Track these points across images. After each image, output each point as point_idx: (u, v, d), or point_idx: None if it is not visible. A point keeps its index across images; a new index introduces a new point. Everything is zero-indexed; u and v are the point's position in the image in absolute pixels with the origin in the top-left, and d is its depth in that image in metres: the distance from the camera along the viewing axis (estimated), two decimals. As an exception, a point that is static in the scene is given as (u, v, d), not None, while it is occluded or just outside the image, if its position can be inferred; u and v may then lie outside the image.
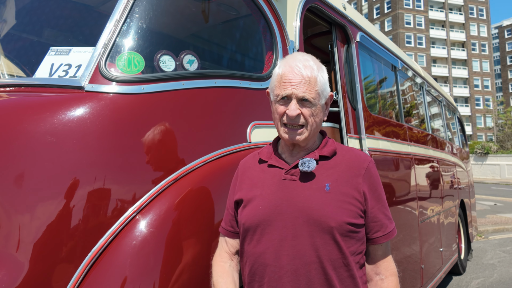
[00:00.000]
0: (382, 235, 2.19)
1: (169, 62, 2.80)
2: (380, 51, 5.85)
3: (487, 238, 14.22)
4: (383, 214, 2.21)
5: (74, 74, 2.62)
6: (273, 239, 2.09)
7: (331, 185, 2.11)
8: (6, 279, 2.08)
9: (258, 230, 2.14)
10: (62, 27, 3.44)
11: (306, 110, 2.13)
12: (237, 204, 2.32)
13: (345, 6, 4.89)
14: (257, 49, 3.60)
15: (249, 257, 2.18)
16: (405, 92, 7.05)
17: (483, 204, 22.43)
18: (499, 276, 9.48)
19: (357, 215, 2.11)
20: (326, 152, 2.22)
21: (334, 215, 2.04)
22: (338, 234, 2.04)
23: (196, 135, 2.75)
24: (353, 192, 2.12)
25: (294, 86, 2.13)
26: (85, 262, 2.22)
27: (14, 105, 2.46)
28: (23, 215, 2.18)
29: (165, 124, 2.60)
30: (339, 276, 2.06)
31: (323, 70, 2.24)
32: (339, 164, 2.20)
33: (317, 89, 2.14)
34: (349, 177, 2.15)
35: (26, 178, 2.24)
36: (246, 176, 2.35)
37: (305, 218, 2.06)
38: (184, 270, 2.39)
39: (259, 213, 2.15)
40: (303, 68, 2.15)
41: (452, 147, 9.77)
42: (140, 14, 2.79)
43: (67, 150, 2.28)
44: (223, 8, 3.46)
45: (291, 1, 3.80)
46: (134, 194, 2.41)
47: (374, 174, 2.24)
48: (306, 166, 2.12)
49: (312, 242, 2.04)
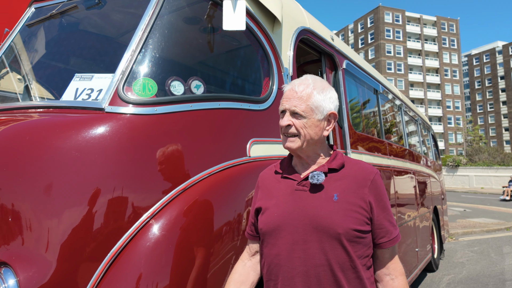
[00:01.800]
0: (388, 240, 2.16)
1: (178, 86, 2.81)
2: (364, 76, 5.86)
3: (457, 239, 14.20)
4: (388, 222, 2.17)
5: (96, 97, 2.63)
6: (286, 242, 2.09)
7: (339, 195, 2.09)
8: (36, 276, 2.09)
9: (273, 234, 2.14)
10: (86, 56, 3.46)
11: (297, 122, 2.14)
12: (257, 211, 2.32)
13: (333, 38, 4.91)
14: (256, 75, 3.61)
15: (266, 258, 2.18)
16: (385, 112, 7.06)
17: (454, 210, 22.40)
18: (467, 272, 9.48)
19: (363, 222, 2.07)
20: (334, 165, 2.20)
21: (341, 222, 2.02)
22: (345, 240, 2.01)
23: (202, 150, 2.75)
24: (359, 202, 2.08)
25: (287, 101, 2.16)
26: (105, 261, 2.22)
27: (44, 124, 2.47)
28: (51, 220, 2.19)
29: (175, 140, 2.61)
30: (347, 277, 2.04)
31: (325, 90, 2.21)
32: (347, 176, 2.17)
33: (308, 104, 2.13)
34: (356, 188, 2.12)
35: (54, 187, 2.24)
36: (264, 186, 2.35)
37: (314, 225, 2.04)
38: (191, 268, 2.38)
39: (274, 219, 2.15)
40: (297, 85, 2.17)
41: (426, 160, 9.77)
42: (153, 45, 2.80)
43: (89, 163, 2.29)
44: (226, 39, 3.47)
45: (286, 34, 3.82)
46: (148, 202, 2.41)
47: (380, 185, 2.20)
48: (315, 179, 2.10)
49: (321, 246, 2.02)
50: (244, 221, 2.81)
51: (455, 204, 25.70)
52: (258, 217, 2.30)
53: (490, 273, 9.39)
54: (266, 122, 3.34)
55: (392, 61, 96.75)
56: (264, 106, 3.32)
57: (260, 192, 2.37)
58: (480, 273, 9.36)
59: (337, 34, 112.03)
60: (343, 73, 4.90)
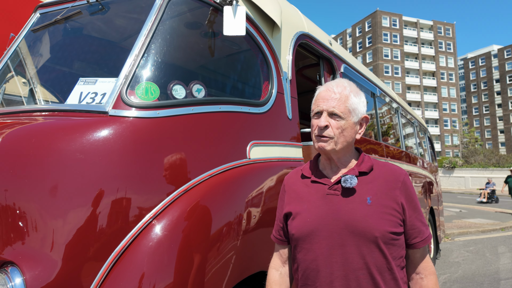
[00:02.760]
0: (420, 240, 2.13)
1: (180, 90, 2.82)
2: (361, 80, 5.87)
3: (453, 239, 14.16)
4: (420, 222, 2.15)
5: (100, 101, 2.65)
6: (322, 247, 2.05)
7: (372, 198, 2.06)
8: (42, 274, 2.10)
9: (307, 240, 2.10)
10: (90, 60, 3.47)
11: (335, 123, 2.10)
12: (286, 216, 2.27)
13: (331, 42, 4.93)
14: (255, 79, 3.62)
15: (300, 263, 2.15)
16: (383, 115, 7.07)
17: (450, 211, 22.36)
18: (463, 272, 9.45)
19: (397, 224, 2.05)
20: (364, 168, 2.17)
21: (378, 225, 2.00)
22: (382, 243, 2.00)
23: (203, 153, 2.76)
24: (392, 204, 2.06)
25: (324, 102, 2.13)
26: (109, 260, 2.23)
27: (49, 127, 2.48)
28: (56, 220, 2.20)
29: (177, 143, 2.62)
30: (384, 279, 2.02)
31: (359, 94, 2.20)
32: (377, 179, 2.15)
33: (347, 105, 2.11)
34: (388, 190, 2.10)
35: (60, 188, 2.25)
36: (292, 191, 2.30)
37: (350, 229, 2.01)
38: (193, 268, 2.39)
39: (307, 224, 2.11)
40: (335, 87, 2.15)
41: (423, 162, 9.78)
42: (156, 49, 2.81)
43: (94, 165, 2.30)
44: (227, 44, 3.49)
45: (285, 38, 3.84)
46: (150, 203, 2.41)
47: (410, 186, 2.17)
48: (348, 183, 2.07)
49: (358, 250, 2.00)
50: (245, 221, 2.82)
51: (451, 205, 25.65)
52: (287, 222, 2.26)
53: (485, 272, 9.38)
54: (265, 125, 3.35)
55: (390, 64, 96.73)
56: (263, 109, 3.34)
57: (287, 196, 2.32)
58: (475, 273, 9.34)
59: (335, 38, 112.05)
60: (341, 77, 4.90)
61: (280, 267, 2.39)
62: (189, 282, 2.36)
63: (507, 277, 8.93)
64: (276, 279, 2.36)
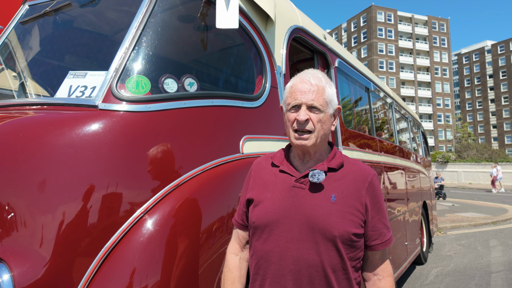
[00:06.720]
0: (380, 243, 2.10)
1: (172, 84, 2.79)
2: (356, 75, 5.85)
3: (445, 233, 14.26)
4: (382, 224, 2.11)
5: (90, 94, 2.61)
6: (279, 240, 2.02)
7: (337, 196, 2.02)
8: (31, 271, 2.08)
9: (266, 230, 2.06)
10: (80, 53, 3.43)
11: (315, 116, 2.04)
12: (248, 202, 2.23)
13: (326, 36, 4.90)
14: (249, 73, 3.59)
15: (256, 252, 2.11)
16: (377, 110, 7.06)
17: (443, 205, 22.51)
18: (455, 265, 9.54)
19: (359, 225, 2.02)
20: (334, 165, 2.12)
21: (338, 225, 1.96)
22: (340, 242, 1.96)
23: (195, 147, 2.73)
24: (356, 204, 2.02)
25: (302, 94, 2.05)
26: (99, 256, 2.21)
27: (38, 121, 2.45)
28: (45, 215, 2.17)
29: (168, 137, 2.59)
30: (337, 278, 1.99)
31: (331, 84, 2.15)
32: (346, 177, 2.10)
33: (324, 98, 2.06)
34: (354, 189, 2.06)
35: (48, 183, 2.22)
36: (258, 177, 2.25)
37: (311, 225, 1.98)
38: (185, 262, 2.37)
39: (268, 214, 2.06)
40: (311, 78, 2.08)
41: (416, 157, 9.79)
42: (147, 42, 2.78)
43: (83, 159, 2.27)
44: (220, 37, 3.45)
45: (279, 32, 3.80)
46: (141, 198, 2.39)
47: (377, 187, 2.13)
48: (315, 178, 2.02)
49: (316, 247, 1.96)
50: (237, 216, 2.79)
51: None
52: (249, 208, 2.22)
53: (476, 265, 9.44)
54: (259, 120, 3.32)
55: (384, 59, 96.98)
56: (257, 104, 3.30)
57: (252, 181, 2.27)
58: (467, 266, 9.41)
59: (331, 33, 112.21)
60: (335, 71, 4.89)
61: (239, 252, 2.34)
62: (181, 277, 2.34)
63: (498, 270, 8.99)
64: (236, 264, 2.31)
